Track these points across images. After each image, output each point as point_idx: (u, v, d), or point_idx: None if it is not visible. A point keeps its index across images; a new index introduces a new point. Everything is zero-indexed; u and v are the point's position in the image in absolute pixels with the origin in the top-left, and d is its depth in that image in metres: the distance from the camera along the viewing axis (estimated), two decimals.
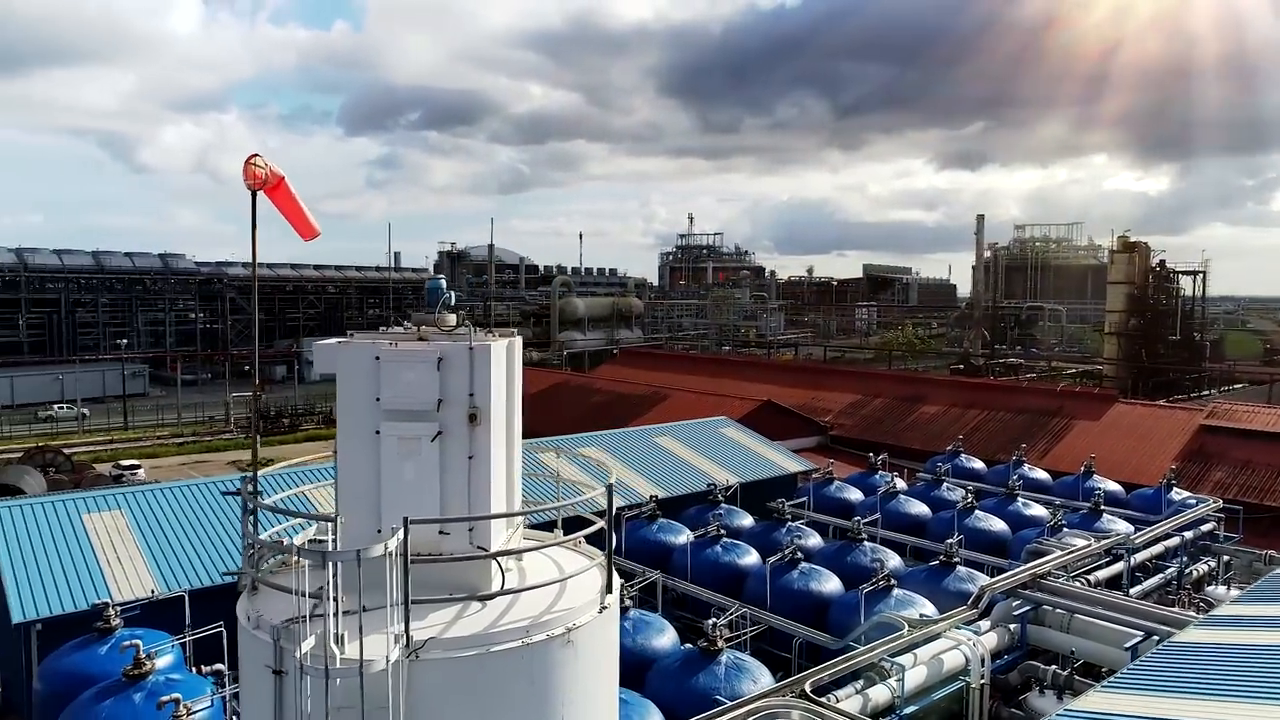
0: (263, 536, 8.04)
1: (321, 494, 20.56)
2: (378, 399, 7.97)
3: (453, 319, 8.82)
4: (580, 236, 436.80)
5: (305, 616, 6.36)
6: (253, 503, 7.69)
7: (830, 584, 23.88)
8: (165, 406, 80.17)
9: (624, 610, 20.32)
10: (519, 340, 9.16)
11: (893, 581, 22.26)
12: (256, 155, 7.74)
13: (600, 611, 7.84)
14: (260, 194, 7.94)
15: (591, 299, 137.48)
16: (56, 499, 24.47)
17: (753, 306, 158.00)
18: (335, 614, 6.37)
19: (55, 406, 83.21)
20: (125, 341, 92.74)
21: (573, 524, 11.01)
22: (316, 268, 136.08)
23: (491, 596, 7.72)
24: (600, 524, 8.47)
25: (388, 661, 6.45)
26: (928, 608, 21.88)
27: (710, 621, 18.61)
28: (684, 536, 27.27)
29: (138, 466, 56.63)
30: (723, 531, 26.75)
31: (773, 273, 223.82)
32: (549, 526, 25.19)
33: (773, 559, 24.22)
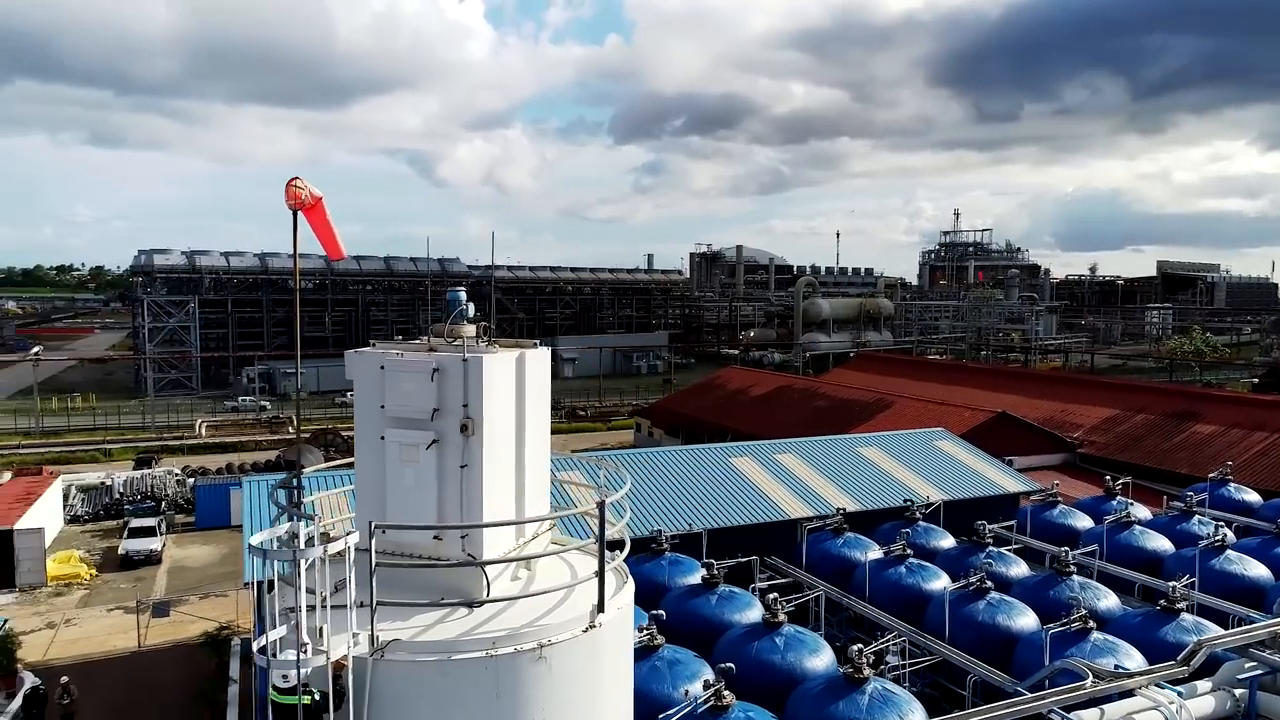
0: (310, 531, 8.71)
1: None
2: (382, 406, 8.39)
3: (470, 330, 9.03)
4: (837, 235, 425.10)
5: (274, 610, 6.85)
6: (280, 502, 8.38)
7: (1023, 619, 21.59)
8: None
9: (776, 625, 19.73)
10: (538, 353, 9.17)
11: (1091, 624, 19.70)
12: (298, 178, 8.41)
13: (586, 630, 7.67)
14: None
15: (837, 300, 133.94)
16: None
17: (1018, 308, 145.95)
18: (303, 607, 6.79)
19: (349, 394, 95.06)
20: (400, 337, 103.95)
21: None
22: (573, 270, 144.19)
23: (479, 604, 7.83)
24: (586, 542, 8.27)
25: (328, 659, 6.79)
26: (1134, 658, 19.15)
27: (856, 647, 17.52)
28: (870, 553, 25.88)
29: None
30: (909, 551, 25.06)
31: (1046, 271, 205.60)
32: (645, 542, 25.07)
33: (956, 585, 22.36)
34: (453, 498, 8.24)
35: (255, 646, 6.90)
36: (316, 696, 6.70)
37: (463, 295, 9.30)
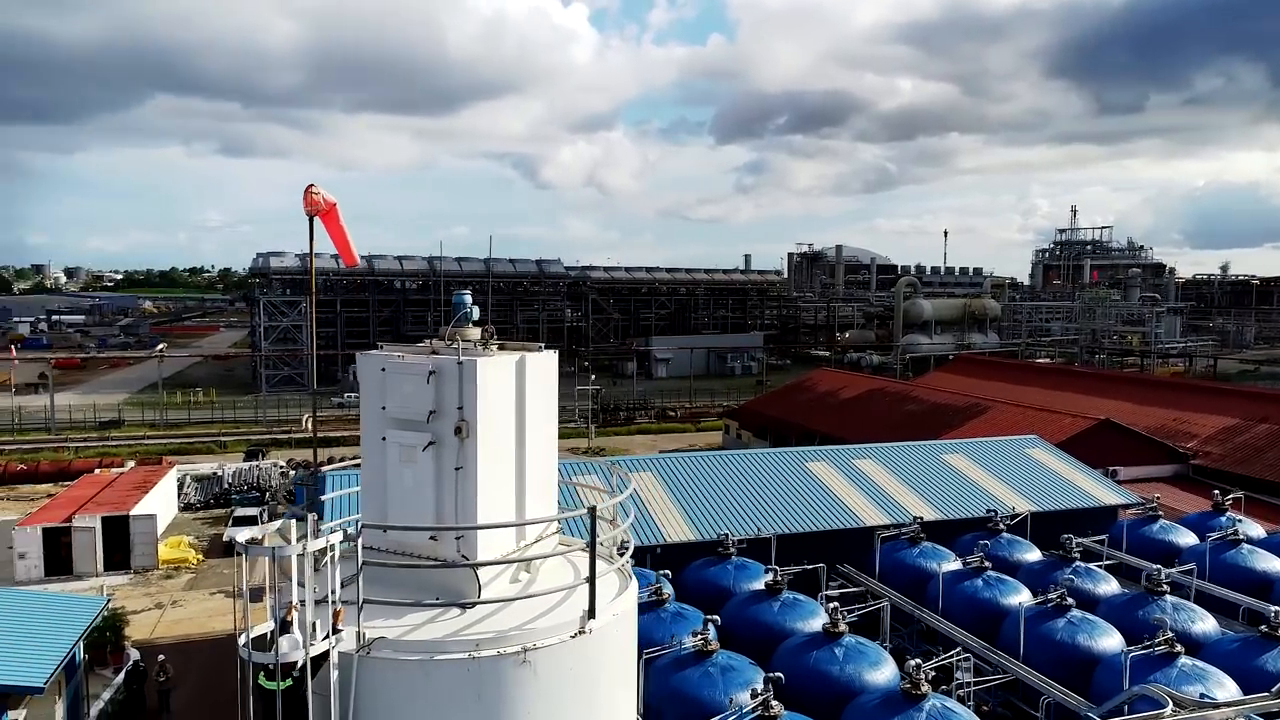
0: (333, 524, 8.96)
1: None
2: (383, 407, 8.53)
3: (475, 333, 9.08)
4: (944, 234, 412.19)
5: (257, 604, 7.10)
6: (285, 504, 8.65)
7: (1106, 640, 20.41)
8: None
9: (836, 636, 19.24)
10: (541, 356, 9.13)
11: (1178, 648, 18.44)
12: (314, 185, 8.66)
13: (575, 636, 7.61)
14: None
15: (939, 300, 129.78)
16: None
17: (1138, 309, 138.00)
18: (295, 602, 7.01)
19: None
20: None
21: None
22: (669, 270, 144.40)
23: (472, 604, 7.87)
24: (575, 546, 8.19)
25: (306, 655, 6.94)
26: (1227, 687, 17.85)
27: (913, 662, 16.90)
28: (947, 564, 24.95)
29: None
30: (988, 564, 24.05)
31: (1171, 270, 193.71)
32: (712, 545, 24.70)
33: (1033, 601, 21.33)
34: (449, 499, 8.33)
35: (240, 640, 7.16)
36: (296, 675, 6.87)
37: (467, 298, 9.39)
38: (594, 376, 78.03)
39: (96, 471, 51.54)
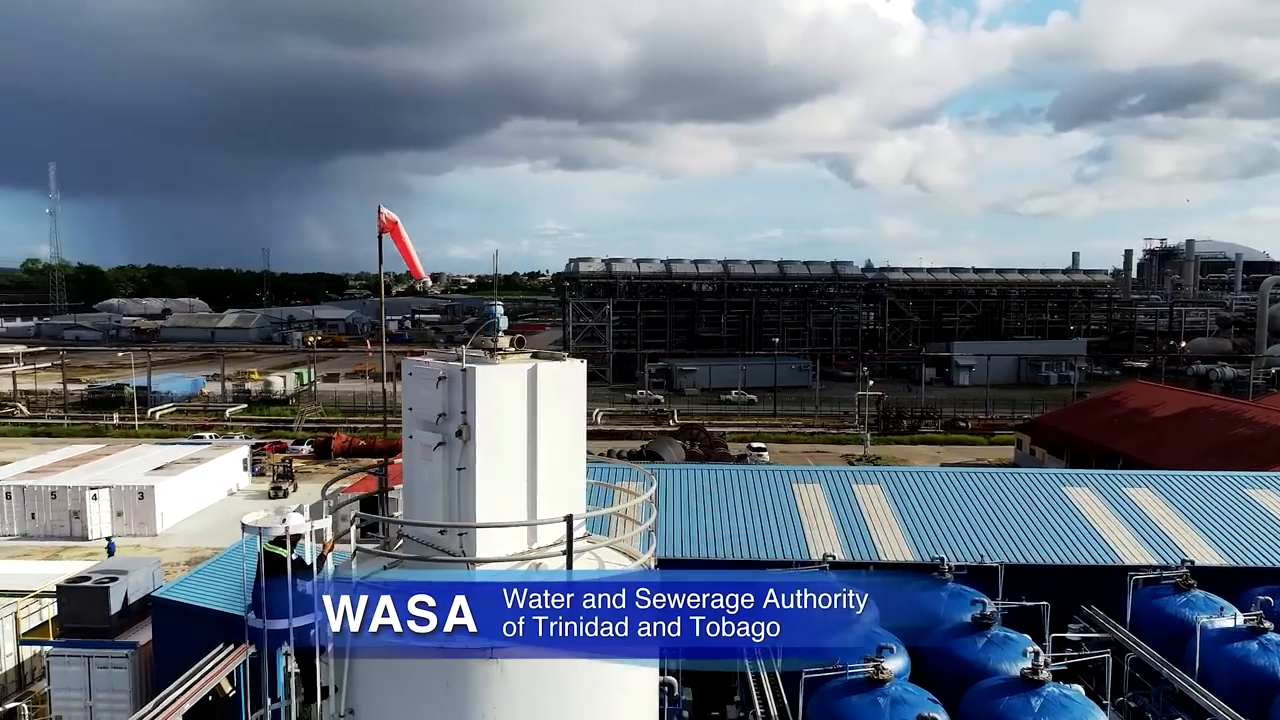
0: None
1: None
2: (410, 408, 9.17)
3: (501, 342, 9.43)
4: None
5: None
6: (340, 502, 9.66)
7: None
8: (809, 399, 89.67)
9: (1036, 683, 17.20)
10: (559, 366, 9.24)
11: None
12: (381, 206, 9.57)
13: None
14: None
15: None
16: (769, 469, 31.80)
17: None
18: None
19: (734, 392, 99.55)
20: (777, 340, 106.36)
21: None
22: (977, 271, 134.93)
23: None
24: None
25: (283, 631, 7.75)
26: None
27: None
28: (1217, 620, 21.07)
29: (764, 449, 64.87)
30: (1268, 625, 19.95)
31: None
32: (927, 568, 22.61)
33: None
34: (455, 496, 8.85)
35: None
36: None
37: (498, 309, 9.82)
38: (872, 382, 75.14)
39: None
